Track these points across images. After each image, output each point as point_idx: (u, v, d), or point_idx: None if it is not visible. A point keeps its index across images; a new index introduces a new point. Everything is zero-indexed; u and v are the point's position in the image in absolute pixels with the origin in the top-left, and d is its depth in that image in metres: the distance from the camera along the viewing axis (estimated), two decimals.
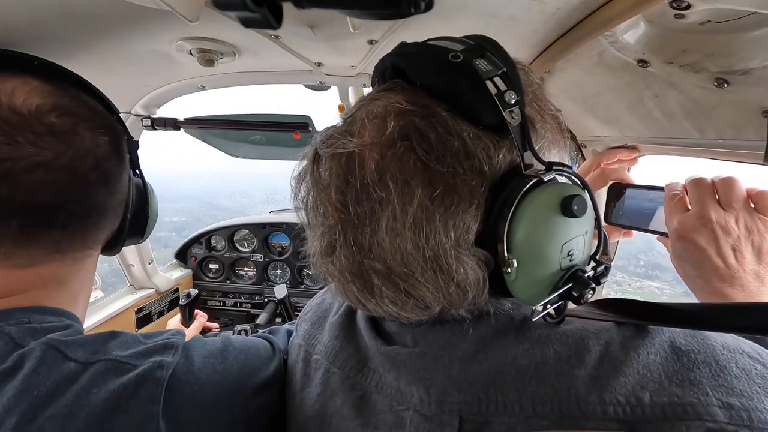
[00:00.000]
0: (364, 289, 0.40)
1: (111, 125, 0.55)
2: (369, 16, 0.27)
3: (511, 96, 0.37)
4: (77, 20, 0.64)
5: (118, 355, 0.44)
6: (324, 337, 0.54)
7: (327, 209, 0.39)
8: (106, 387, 0.41)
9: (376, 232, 0.37)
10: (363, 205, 0.37)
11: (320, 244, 0.41)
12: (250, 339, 0.60)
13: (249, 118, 1.32)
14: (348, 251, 0.39)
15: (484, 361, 0.40)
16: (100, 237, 0.55)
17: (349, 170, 0.38)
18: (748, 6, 0.41)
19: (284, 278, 1.93)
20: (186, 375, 0.46)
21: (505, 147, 0.38)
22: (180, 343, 0.48)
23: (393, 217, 0.36)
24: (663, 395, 0.33)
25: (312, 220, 0.43)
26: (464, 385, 0.40)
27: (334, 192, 0.38)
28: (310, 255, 0.44)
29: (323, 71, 1.01)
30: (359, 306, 0.43)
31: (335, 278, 0.42)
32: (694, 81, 0.57)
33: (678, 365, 0.35)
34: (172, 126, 1.27)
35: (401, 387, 0.43)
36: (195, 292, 1.20)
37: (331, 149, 0.39)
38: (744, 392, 0.33)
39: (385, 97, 0.40)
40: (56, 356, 0.42)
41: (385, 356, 0.46)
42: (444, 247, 0.36)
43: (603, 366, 0.36)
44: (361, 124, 0.39)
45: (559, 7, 0.54)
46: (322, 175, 0.40)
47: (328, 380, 0.50)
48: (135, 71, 0.96)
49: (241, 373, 0.52)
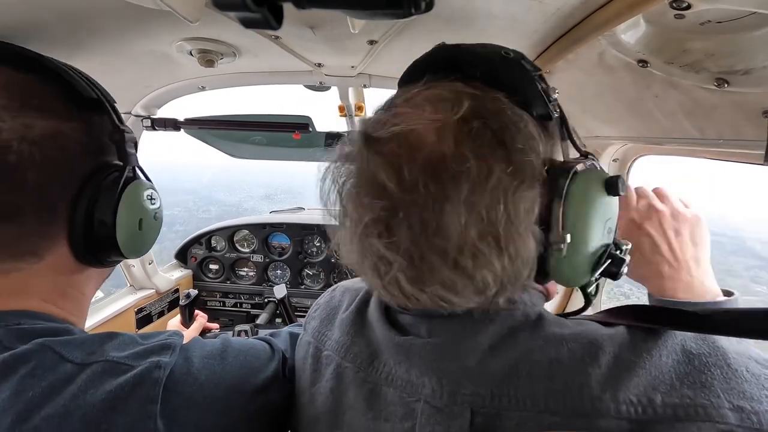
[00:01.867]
0: (416, 275, 0.38)
1: (54, 111, 0.47)
2: (369, 17, 0.27)
3: (553, 91, 0.42)
4: (78, 21, 0.64)
5: (115, 356, 0.44)
6: (334, 333, 0.54)
7: (383, 190, 0.37)
8: (102, 387, 0.41)
9: (445, 210, 0.36)
10: (432, 183, 0.36)
11: (369, 231, 0.39)
12: (249, 341, 0.59)
13: (249, 118, 1.32)
14: (409, 232, 0.37)
15: (499, 355, 0.41)
16: (21, 244, 0.47)
17: (414, 148, 0.37)
18: (748, 6, 0.41)
19: (284, 279, 1.93)
20: (185, 376, 0.46)
21: (546, 135, 0.42)
22: (177, 343, 0.48)
23: (471, 191, 0.35)
24: (674, 396, 0.34)
25: (354, 206, 0.41)
26: (478, 378, 0.40)
27: (396, 171, 0.37)
28: (344, 244, 0.44)
29: (323, 72, 1.01)
30: (394, 295, 0.41)
31: (376, 268, 0.40)
32: (695, 81, 0.57)
33: (689, 368, 0.35)
34: (172, 126, 1.27)
35: (412, 378, 0.44)
36: (195, 293, 1.20)
37: (390, 129, 0.38)
38: (754, 396, 0.33)
39: (443, 85, 0.41)
40: (52, 357, 0.42)
41: (399, 347, 0.46)
42: (515, 224, 0.37)
43: (617, 366, 0.37)
44: (422, 106, 0.39)
45: (559, 7, 0.54)
46: (379, 154, 0.38)
47: (340, 375, 0.50)
48: (135, 72, 0.96)
49: (240, 374, 0.52)
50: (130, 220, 0.54)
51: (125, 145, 0.54)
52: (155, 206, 0.59)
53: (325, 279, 1.92)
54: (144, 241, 0.58)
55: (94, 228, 0.50)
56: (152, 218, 0.59)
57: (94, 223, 0.50)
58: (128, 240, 0.54)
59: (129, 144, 0.55)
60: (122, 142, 0.54)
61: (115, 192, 0.52)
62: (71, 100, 0.50)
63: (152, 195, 0.59)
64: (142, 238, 0.57)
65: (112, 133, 0.54)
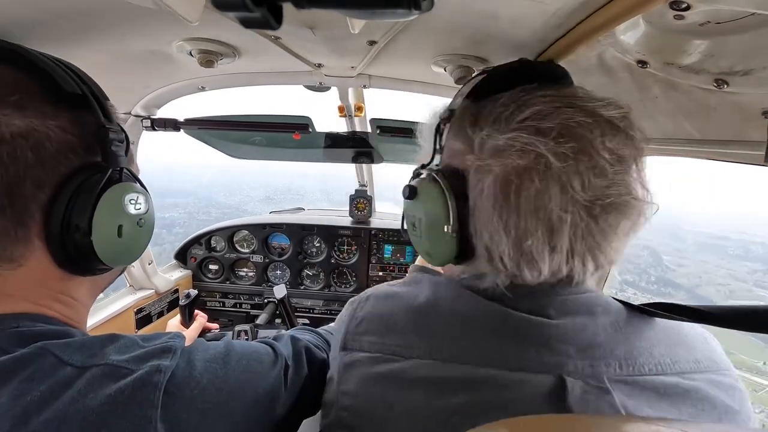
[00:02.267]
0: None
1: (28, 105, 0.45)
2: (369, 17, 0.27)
3: None
4: (78, 21, 0.64)
5: (116, 359, 0.43)
6: (443, 344, 0.49)
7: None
8: (102, 392, 0.40)
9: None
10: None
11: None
12: (253, 345, 0.58)
13: (249, 118, 1.32)
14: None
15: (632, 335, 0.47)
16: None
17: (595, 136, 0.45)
18: (748, 6, 0.41)
19: (284, 279, 1.93)
20: (186, 379, 0.46)
21: None
22: (179, 346, 0.48)
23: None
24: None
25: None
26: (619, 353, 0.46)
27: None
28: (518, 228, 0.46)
29: (323, 72, 1.01)
30: (539, 269, 0.47)
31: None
32: (694, 82, 0.57)
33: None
34: (172, 127, 1.27)
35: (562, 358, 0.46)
36: (195, 293, 1.20)
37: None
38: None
39: (570, 87, 0.54)
40: (52, 361, 0.41)
41: (556, 329, 0.47)
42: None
43: (708, 343, 0.51)
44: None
45: (559, 7, 0.54)
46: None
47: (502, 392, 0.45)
48: (135, 72, 0.96)
49: (242, 378, 0.51)
50: (107, 226, 0.50)
51: (109, 144, 0.50)
52: (139, 211, 0.54)
53: (324, 279, 1.92)
54: (127, 249, 0.54)
55: (70, 234, 0.47)
56: (135, 225, 0.54)
57: (70, 229, 0.47)
58: (107, 248, 0.50)
59: (115, 143, 0.51)
60: (106, 140, 0.50)
61: (92, 195, 0.48)
62: (53, 96, 0.47)
63: (137, 199, 0.54)
64: (123, 246, 0.52)
65: (97, 132, 0.50)
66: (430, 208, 0.54)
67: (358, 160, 1.69)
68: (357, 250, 1.90)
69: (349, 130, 1.50)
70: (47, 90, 0.47)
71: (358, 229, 1.88)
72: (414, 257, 1.87)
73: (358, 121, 1.47)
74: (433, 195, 0.53)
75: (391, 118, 1.35)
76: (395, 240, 1.89)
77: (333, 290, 1.92)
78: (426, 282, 0.57)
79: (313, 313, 1.92)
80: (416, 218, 0.58)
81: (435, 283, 0.56)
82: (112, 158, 0.51)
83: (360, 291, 2.07)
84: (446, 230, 0.51)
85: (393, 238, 1.89)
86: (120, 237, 0.52)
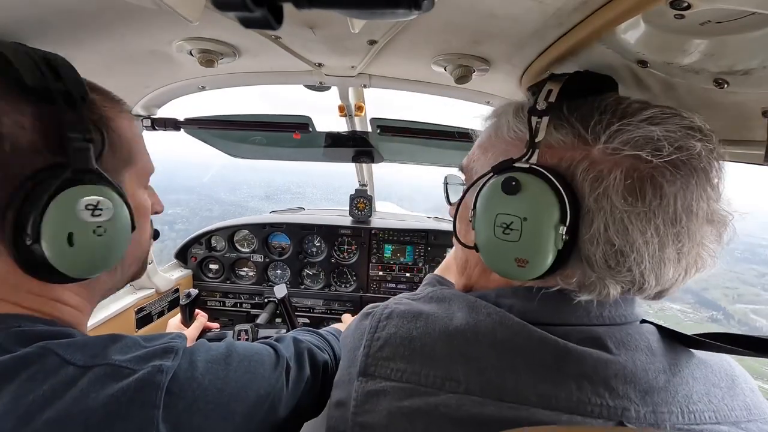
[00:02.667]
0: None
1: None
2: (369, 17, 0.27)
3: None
4: (77, 21, 0.64)
5: (118, 359, 0.43)
6: (491, 377, 0.43)
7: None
8: (104, 392, 0.40)
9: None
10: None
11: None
12: (255, 346, 0.58)
13: (249, 118, 1.32)
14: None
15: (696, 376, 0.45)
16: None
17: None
18: (748, 6, 0.41)
19: (284, 278, 1.93)
20: (188, 380, 0.46)
21: None
22: (180, 346, 0.48)
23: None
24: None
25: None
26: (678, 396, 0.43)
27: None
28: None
29: (323, 72, 1.01)
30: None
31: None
32: (694, 81, 0.57)
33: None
34: (172, 126, 1.27)
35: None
36: (195, 292, 1.20)
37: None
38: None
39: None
40: (54, 360, 0.41)
41: (621, 366, 0.43)
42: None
43: (752, 386, 0.48)
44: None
45: (559, 7, 0.54)
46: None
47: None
48: (135, 72, 0.96)
49: (244, 379, 0.51)
50: (56, 233, 0.45)
51: (71, 141, 0.45)
52: (99, 218, 0.48)
53: (324, 279, 1.92)
54: (83, 259, 0.48)
55: (23, 240, 0.43)
56: (90, 232, 0.47)
57: (22, 235, 0.43)
58: (58, 257, 0.45)
59: (78, 141, 0.46)
60: (66, 137, 0.45)
61: (42, 199, 0.43)
62: (14, 90, 0.43)
63: (97, 204, 0.47)
64: (77, 256, 0.47)
65: (60, 130, 0.46)
66: (541, 206, 0.46)
67: (358, 159, 1.69)
68: (357, 250, 1.90)
69: (349, 129, 1.50)
70: (5, 83, 0.43)
71: (359, 228, 1.88)
72: (414, 257, 1.87)
73: (358, 121, 1.47)
74: (545, 191, 0.45)
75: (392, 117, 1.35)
76: (395, 240, 1.89)
77: (333, 290, 1.92)
78: (458, 300, 0.51)
79: (314, 312, 1.92)
80: (517, 218, 0.48)
81: (471, 303, 0.50)
82: (75, 158, 0.46)
83: (360, 291, 2.06)
84: (561, 232, 0.44)
85: (393, 238, 1.89)
86: (71, 246, 0.46)
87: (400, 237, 1.87)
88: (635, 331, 0.46)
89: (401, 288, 1.90)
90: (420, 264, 1.88)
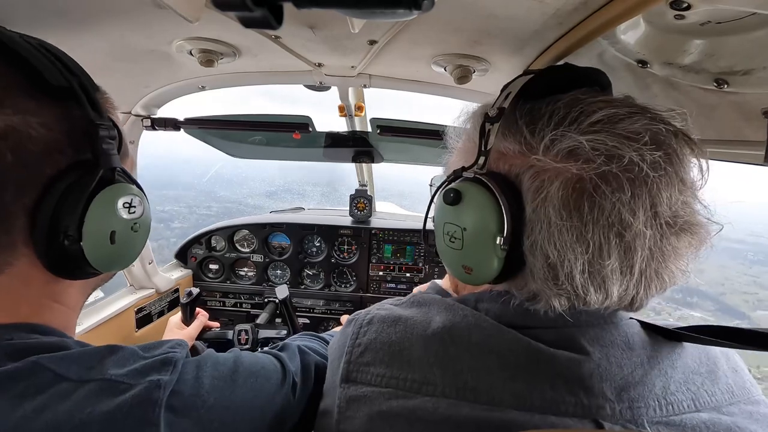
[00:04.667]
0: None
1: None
2: (369, 16, 0.27)
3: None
4: (77, 20, 0.64)
5: (114, 373, 0.41)
6: (466, 379, 0.44)
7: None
8: (99, 408, 0.39)
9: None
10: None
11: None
12: (261, 359, 0.56)
13: (249, 118, 1.32)
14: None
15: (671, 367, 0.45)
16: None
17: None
18: (748, 6, 0.41)
19: (284, 278, 1.93)
20: (194, 397, 0.44)
21: None
22: (180, 357, 0.46)
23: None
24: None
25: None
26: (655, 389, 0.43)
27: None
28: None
29: (323, 71, 1.01)
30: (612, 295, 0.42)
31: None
32: (694, 81, 0.57)
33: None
34: (172, 126, 1.27)
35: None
36: (197, 291, 1.20)
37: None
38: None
39: (625, 97, 0.47)
40: (46, 375, 0.39)
41: (599, 363, 0.43)
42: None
43: (736, 367, 0.48)
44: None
45: (559, 7, 0.54)
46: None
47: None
48: (135, 72, 0.96)
49: (249, 397, 0.50)
50: (99, 233, 0.46)
51: (100, 141, 0.45)
52: (134, 215, 0.50)
53: (324, 279, 1.92)
54: (122, 255, 0.50)
55: (59, 240, 0.43)
56: (129, 230, 0.49)
57: (58, 235, 0.43)
58: (99, 255, 0.46)
59: (106, 140, 0.46)
60: (96, 137, 0.45)
61: (82, 199, 0.44)
62: (36, 89, 0.43)
63: (132, 202, 0.49)
64: (116, 253, 0.48)
65: (86, 128, 0.45)
66: (479, 217, 0.46)
67: (358, 159, 1.69)
68: (357, 250, 1.90)
69: (349, 129, 1.50)
70: (29, 82, 0.42)
71: (359, 228, 1.88)
72: (414, 257, 1.87)
73: (358, 121, 1.47)
74: (484, 201, 0.46)
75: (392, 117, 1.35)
76: (395, 240, 1.89)
77: (333, 290, 1.92)
78: (436, 304, 0.51)
79: (313, 312, 1.92)
80: (458, 227, 0.49)
81: (448, 307, 0.50)
82: (103, 157, 0.46)
83: (360, 291, 2.06)
84: (498, 242, 0.45)
85: (393, 238, 1.89)
86: (113, 244, 0.47)
87: (400, 237, 1.87)
88: (613, 328, 0.45)
89: (401, 288, 1.90)
90: (420, 264, 1.88)
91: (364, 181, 2.02)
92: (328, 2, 0.26)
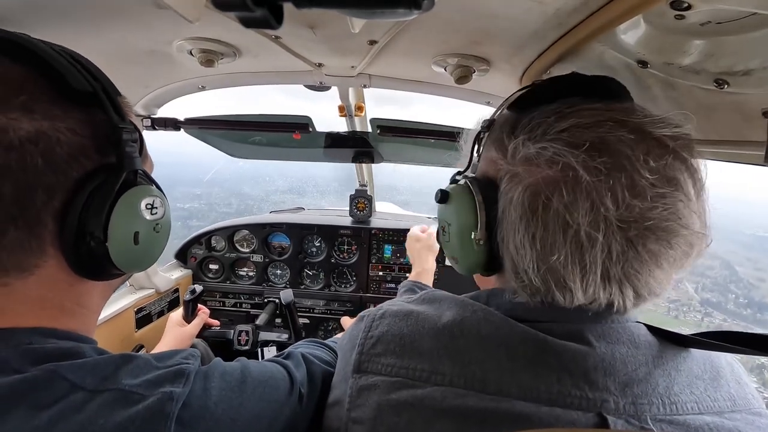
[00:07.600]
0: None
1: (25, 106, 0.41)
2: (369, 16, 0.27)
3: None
4: (77, 20, 0.64)
5: (128, 383, 0.42)
6: (471, 371, 0.45)
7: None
8: (113, 418, 0.39)
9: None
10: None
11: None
12: (268, 368, 0.56)
13: (249, 118, 1.32)
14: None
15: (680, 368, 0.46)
16: (3, 260, 0.42)
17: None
18: (748, 6, 0.41)
19: (284, 279, 1.93)
20: (201, 410, 0.45)
21: None
22: (193, 369, 0.46)
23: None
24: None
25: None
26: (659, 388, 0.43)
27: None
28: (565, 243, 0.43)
29: (324, 72, 1.01)
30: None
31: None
32: (694, 81, 0.57)
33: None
34: (172, 126, 1.27)
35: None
36: (200, 289, 1.20)
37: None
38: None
39: (624, 103, 0.49)
40: (62, 385, 0.40)
41: (603, 358, 0.44)
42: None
43: (738, 376, 0.48)
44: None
45: (559, 8, 0.54)
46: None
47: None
48: (135, 71, 0.96)
49: (257, 408, 0.50)
50: (123, 234, 0.47)
51: (123, 144, 0.47)
52: (156, 216, 0.52)
53: (324, 279, 1.92)
54: (145, 255, 0.52)
55: (86, 242, 0.45)
56: (152, 231, 0.51)
57: (85, 237, 0.45)
58: (123, 255, 0.48)
59: (129, 143, 0.48)
60: (120, 141, 0.47)
61: (106, 202, 0.45)
62: (63, 95, 0.44)
63: (154, 203, 0.51)
64: (140, 253, 0.50)
65: (110, 132, 0.47)
66: (459, 214, 0.53)
67: (358, 159, 1.69)
68: (357, 250, 1.90)
69: (349, 129, 1.50)
70: (56, 88, 0.44)
71: (359, 228, 1.88)
72: None
73: (358, 121, 1.47)
74: (463, 200, 0.52)
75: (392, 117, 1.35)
76: (395, 240, 1.89)
77: (333, 290, 1.92)
78: (447, 300, 0.54)
79: (313, 312, 1.92)
80: (446, 223, 0.58)
81: (459, 303, 0.52)
82: (126, 160, 0.47)
83: (360, 291, 2.06)
84: (473, 237, 0.51)
85: (393, 238, 1.89)
86: (136, 244, 0.49)
87: (400, 237, 1.87)
88: (619, 326, 0.47)
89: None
90: None
91: (364, 181, 2.03)
92: (328, 2, 0.26)
